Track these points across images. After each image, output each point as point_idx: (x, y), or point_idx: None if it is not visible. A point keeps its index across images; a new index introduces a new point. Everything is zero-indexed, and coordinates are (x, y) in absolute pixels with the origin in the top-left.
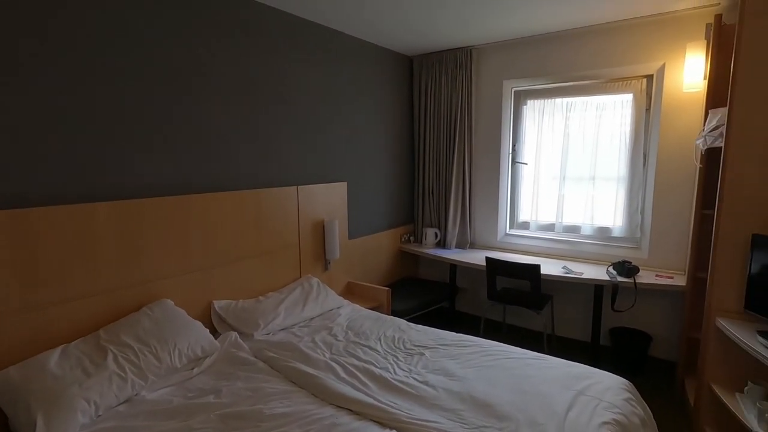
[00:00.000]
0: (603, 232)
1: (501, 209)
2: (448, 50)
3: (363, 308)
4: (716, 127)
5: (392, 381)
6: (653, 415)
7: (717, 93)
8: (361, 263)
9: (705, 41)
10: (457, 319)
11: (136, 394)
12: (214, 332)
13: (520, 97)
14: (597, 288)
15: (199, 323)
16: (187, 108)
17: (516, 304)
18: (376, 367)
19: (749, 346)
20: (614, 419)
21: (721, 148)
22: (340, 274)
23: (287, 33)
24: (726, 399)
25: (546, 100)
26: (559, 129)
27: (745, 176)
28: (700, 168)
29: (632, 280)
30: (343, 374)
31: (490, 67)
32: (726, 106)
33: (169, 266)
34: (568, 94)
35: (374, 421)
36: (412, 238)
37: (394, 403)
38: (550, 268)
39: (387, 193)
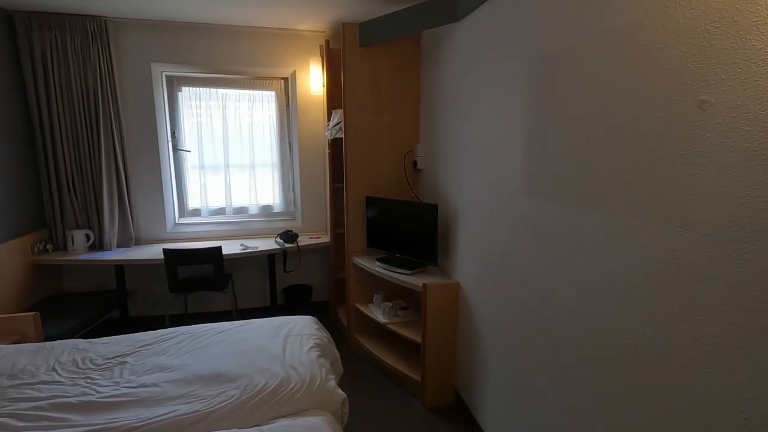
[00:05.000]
0: (266, 210)
1: (167, 199)
2: (71, 15)
3: (2, 346)
4: (337, 123)
5: (100, 400)
6: None
7: (333, 97)
8: None
9: (320, 58)
10: (133, 327)
11: None
12: None
13: (174, 83)
14: (269, 257)
15: None
16: None
17: (201, 289)
18: (70, 396)
19: (372, 270)
20: (316, 343)
21: (341, 138)
22: None
23: None
24: (364, 310)
25: (201, 89)
26: (217, 118)
27: (357, 158)
28: (329, 153)
29: (296, 245)
30: (20, 423)
31: (134, 46)
32: (341, 108)
33: None
34: (221, 85)
35: None
36: (50, 246)
37: (115, 418)
38: (228, 248)
39: None
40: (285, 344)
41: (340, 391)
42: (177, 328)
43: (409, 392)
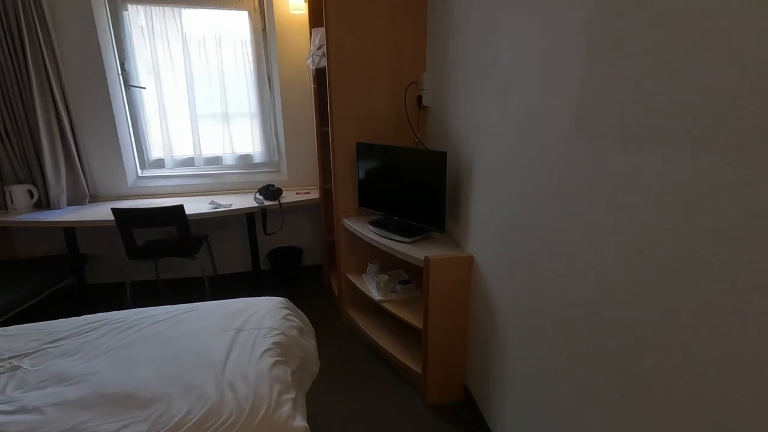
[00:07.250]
0: (245, 160)
1: (125, 148)
2: None
3: None
4: (320, 47)
5: None
6: (310, 316)
7: (316, 13)
8: None
9: None
10: (94, 296)
11: None
12: None
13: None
14: (248, 216)
15: None
16: None
17: (166, 255)
18: None
19: (364, 235)
20: (274, 342)
21: (326, 67)
22: None
23: None
24: (356, 282)
25: (154, 7)
26: (177, 48)
27: (344, 92)
28: (314, 88)
29: (278, 202)
30: None
31: None
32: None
33: None
34: (179, 2)
35: None
36: None
37: None
38: (196, 206)
39: None
40: (233, 344)
41: (298, 421)
42: (107, 314)
43: (409, 384)
